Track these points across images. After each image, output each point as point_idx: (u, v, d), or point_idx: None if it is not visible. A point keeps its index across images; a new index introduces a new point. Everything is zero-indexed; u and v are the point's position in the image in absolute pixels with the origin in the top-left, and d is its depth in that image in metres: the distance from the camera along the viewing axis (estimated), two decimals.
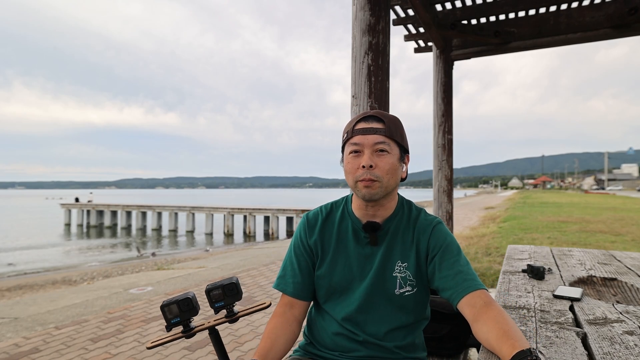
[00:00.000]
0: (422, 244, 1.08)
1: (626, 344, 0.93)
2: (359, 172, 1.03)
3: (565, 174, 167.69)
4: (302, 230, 1.17)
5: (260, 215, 21.50)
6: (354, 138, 1.04)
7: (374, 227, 1.08)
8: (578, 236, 8.68)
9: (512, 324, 0.88)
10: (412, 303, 1.09)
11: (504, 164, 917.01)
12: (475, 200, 39.75)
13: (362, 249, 1.11)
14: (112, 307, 4.09)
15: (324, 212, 1.18)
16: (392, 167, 1.03)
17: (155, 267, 8.94)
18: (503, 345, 0.82)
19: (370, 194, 1.03)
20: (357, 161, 1.04)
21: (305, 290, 1.14)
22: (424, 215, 1.13)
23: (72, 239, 21.10)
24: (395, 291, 1.07)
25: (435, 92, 4.53)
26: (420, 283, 1.09)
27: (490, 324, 0.89)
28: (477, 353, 0.97)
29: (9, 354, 2.90)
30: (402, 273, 1.08)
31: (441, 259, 1.05)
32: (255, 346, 2.98)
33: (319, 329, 1.16)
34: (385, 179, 1.03)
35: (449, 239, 1.08)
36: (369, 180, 1.01)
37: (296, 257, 1.16)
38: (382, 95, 2.22)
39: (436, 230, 1.09)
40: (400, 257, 1.09)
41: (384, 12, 2.23)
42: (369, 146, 1.03)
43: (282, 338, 1.07)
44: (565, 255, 2.08)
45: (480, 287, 0.99)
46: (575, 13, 3.85)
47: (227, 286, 0.94)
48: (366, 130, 1.04)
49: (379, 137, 1.03)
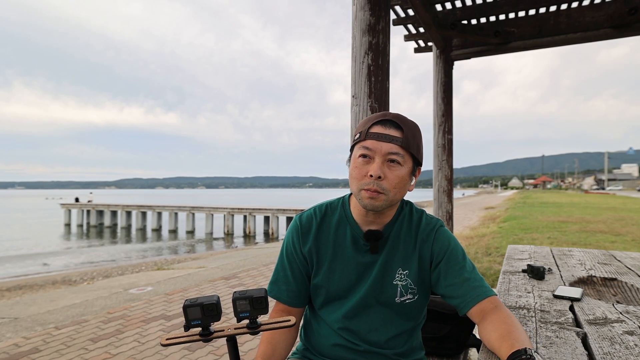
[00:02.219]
0: (425, 250, 1.04)
1: (626, 344, 0.93)
2: (365, 180, 0.95)
3: (565, 174, 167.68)
4: (295, 235, 1.10)
5: (260, 215, 21.50)
6: (367, 142, 0.96)
7: (376, 236, 1.03)
8: (578, 236, 8.67)
9: (517, 326, 0.87)
10: (412, 310, 1.07)
11: (504, 164, 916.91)
12: (475, 200, 39.75)
13: (362, 257, 1.05)
14: (112, 307, 4.09)
15: (318, 216, 1.10)
16: (401, 180, 0.96)
17: (155, 267, 8.94)
18: (502, 345, 0.82)
19: (373, 205, 0.97)
20: (365, 168, 0.96)
21: (300, 298, 1.11)
22: (425, 218, 1.08)
23: (72, 239, 21.09)
24: (395, 299, 1.04)
25: (435, 92, 4.53)
26: (421, 290, 1.06)
27: (495, 324, 0.89)
28: (477, 353, 0.97)
29: (9, 354, 2.90)
30: (402, 281, 1.04)
31: (446, 265, 1.01)
32: (255, 346, 2.98)
33: (315, 335, 1.13)
34: (392, 193, 0.96)
35: (452, 244, 1.04)
36: (374, 191, 0.95)
37: (289, 264, 1.10)
38: (382, 95, 2.22)
39: (439, 234, 1.05)
40: (401, 265, 1.04)
41: (384, 12, 2.23)
42: (382, 154, 0.94)
43: (282, 343, 1.05)
44: (565, 255, 2.08)
45: (489, 293, 0.97)
46: (575, 13, 3.85)
47: (256, 299, 0.89)
48: (381, 137, 0.95)
49: (394, 147, 0.94)
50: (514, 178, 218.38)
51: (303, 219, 1.11)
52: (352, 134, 2.21)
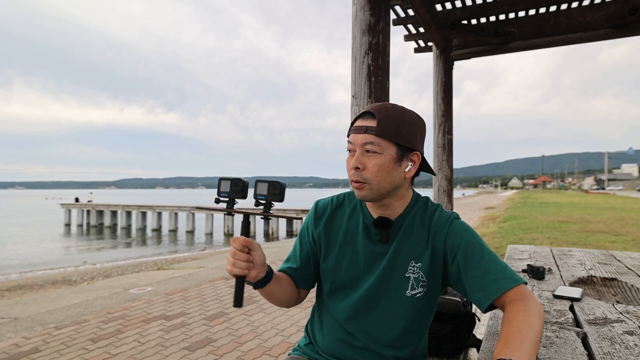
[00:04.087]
0: (439, 243, 1.02)
1: (626, 344, 0.93)
2: (351, 172, 1.00)
3: (566, 174, 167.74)
4: (309, 219, 1.15)
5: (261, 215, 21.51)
6: (350, 136, 1.01)
7: (385, 223, 1.03)
8: (578, 236, 8.68)
9: (524, 328, 0.81)
10: (421, 305, 1.04)
11: (504, 164, 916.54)
12: (476, 200, 39.75)
13: (372, 246, 1.06)
14: (112, 307, 4.09)
15: (334, 203, 1.15)
16: (381, 168, 0.97)
17: (155, 267, 8.94)
18: (497, 346, 0.80)
19: (360, 195, 1.01)
20: (350, 161, 1.01)
21: (303, 279, 1.14)
22: (439, 211, 1.06)
23: (72, 238, 21.09)
24: (406, 292, 1.02)
25: (435, 92, 4.53)
26: (432, 284, 1.03)
27: (505, 318, 0.86)
28: (477, 353, 0.97)
29: (9, 354, 2.90)
30: (415, 274, 1.02)
31: (464, 258, 0.97)
32: (255, 346, 2.98)
33: (320, 328, 1.14)
34: (374, 182, 0.97)
35: (468, 235, 1.00)
36: (356, 181, 0.99)
37: (300, 246, 1.16)
38: (382, 95, 2.22)
39: (453, 227, 1.01)
40: (413, 257, 1.03)
41: (384, 12, 2.23)
42: (359, 146, 0.98)
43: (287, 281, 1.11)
44: (565, 255, 2.08)
45: (511, 285, 0.91)
46: (576, 13, 3.84)
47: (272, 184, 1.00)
48: (358, 129, 0.99)
49: (368, 137, 0.97)
50: (514, 178, 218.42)
51: (319, 205, 1.16)
52: None
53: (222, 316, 3.70)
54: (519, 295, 0.89)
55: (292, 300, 1.13)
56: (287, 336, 3.18)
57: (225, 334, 3.24)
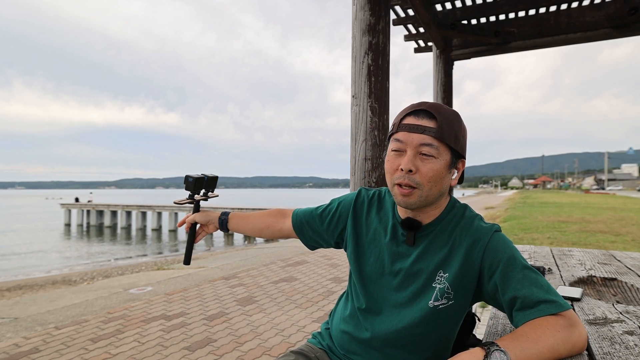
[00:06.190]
0: (475, 256, 0.92)
1: (626, 344, 0.93)
2: (397, 174, 0.91)
3: (566, 174, 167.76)
4: (347, 202, 1.13)
5: None
6: (398, 134, 0.92)
7: (412, 225, 0.97)
8: (578, 236, 8.67)
9: (542, 336, 0.77)
10: (442, 317, 0.95)
11: (504, 163, 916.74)
12: (475, 200, 39.75)
13: (396, 247, 1.00)
14: (112, 307, 4.09)
15: (375, 198, 1.11)
16: (436, 174, 0.89)
17: (155, 267, 8.94)
18: (502, 338, 0.81)
19: (406, 202, 0.92)
20: (397, 161, 0.92)
21: (298, 225, 1.20)
22: (478, 222, 0.97)
23: (72, 238, 21.08)
24: (429, 303, 0.94)
25: (435, 92, 4.53)
26: (458, 296, 0.94)
27: (534, 322, 0.82)
28: None
29: (8, 354, 2.90)
30: (441, 284, 0.94)
31: (504, 276, 0.88)
32: (255, 346, 2.98)
33: (337, 315, 1.14)
34: (426, 187, 0.90)
35: (509, 252, 0.90)
36: (406, 185, 0.90)
37: (320, 215, 1.17)
38: (382, 95, 2.22)
39: (494, 240, 0.92)
40: (441, 266, 0.95)
41: (384, 12, 2.23)
42: (413, 147, 0.89)
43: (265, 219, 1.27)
44: (565, 255, 2.08)
45: (556, 311, 0.82)
46: (576, 13, 3.85)
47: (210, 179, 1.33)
48: (413, 128, 0.90)
49: (426, 138, 0.88)
50: (514, 178, 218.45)
51: (362, 194, 1.14)
52: (352, 133, 2.21)
53: (222, 316, 3.70)
54: (567, 321, 0.82)
55: (267, 232, 1.26)
56: (287, 336, 3.18)
57: (225, 334, 3.24)
